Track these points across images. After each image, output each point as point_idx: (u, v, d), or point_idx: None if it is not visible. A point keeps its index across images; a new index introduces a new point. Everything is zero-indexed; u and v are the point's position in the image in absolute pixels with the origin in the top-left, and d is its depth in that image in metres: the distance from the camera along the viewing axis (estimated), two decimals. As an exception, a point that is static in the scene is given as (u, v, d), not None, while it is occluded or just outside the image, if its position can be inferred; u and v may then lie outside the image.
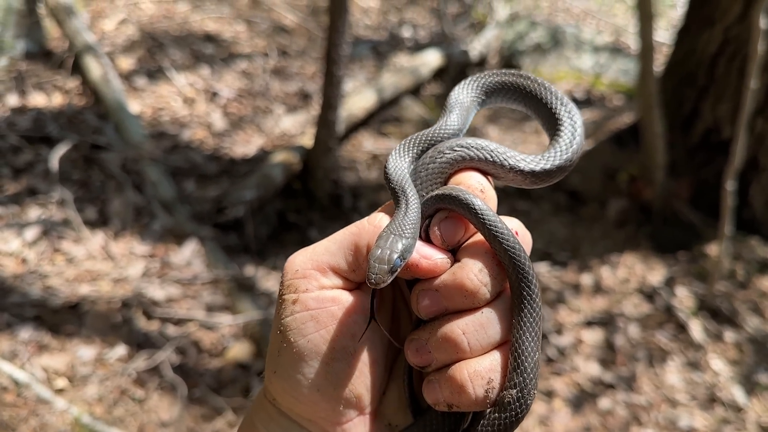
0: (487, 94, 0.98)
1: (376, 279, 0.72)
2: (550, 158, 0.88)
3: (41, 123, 4.88)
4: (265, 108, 5.91)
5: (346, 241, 0.81)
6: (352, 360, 0.80)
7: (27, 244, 3.93)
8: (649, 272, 4.73)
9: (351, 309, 0.80)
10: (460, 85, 0.98)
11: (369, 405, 0.82)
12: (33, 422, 3.16)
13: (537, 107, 0.95)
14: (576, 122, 0.90)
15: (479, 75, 0.99)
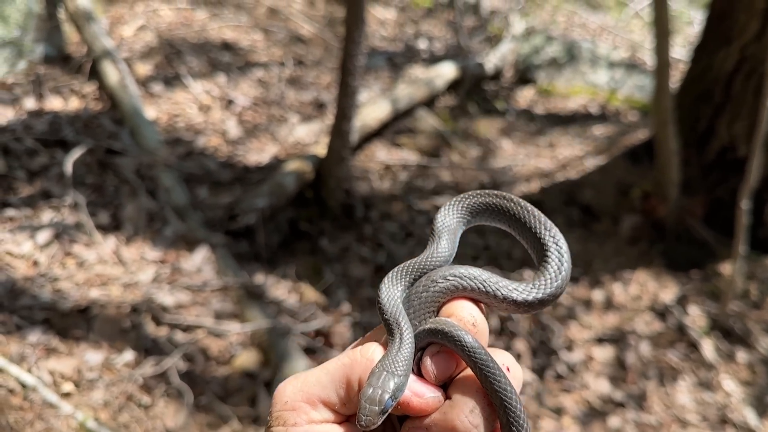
0: (472, 215, 1.01)
1: (367, 422, 0.72)
2: (541, 288, 0.89)
3: (57, 127, 4.92)
4: (280, 116, 5.93)
5: (338, 374, 0.80)
6: None
7: (39, 247, 3.95)
8: (661, 290, 4.68)
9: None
10: (446, 208, 1.01)
11: None
12: (38, 426, 3.16)
13: (522, 231, 0.98)
14: (562, 248, 0.92)
15: (463, 196, 1.02)
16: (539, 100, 7.02)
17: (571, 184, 5.56)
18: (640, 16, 9.36)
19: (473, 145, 6.22)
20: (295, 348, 3.70)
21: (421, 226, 5.13)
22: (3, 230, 3.98)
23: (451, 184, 5.62)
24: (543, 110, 6.84)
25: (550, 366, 4.15)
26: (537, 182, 5.63)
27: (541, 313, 4.43)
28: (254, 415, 3.41)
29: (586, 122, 6.57)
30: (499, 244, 5.00)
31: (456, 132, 6.30)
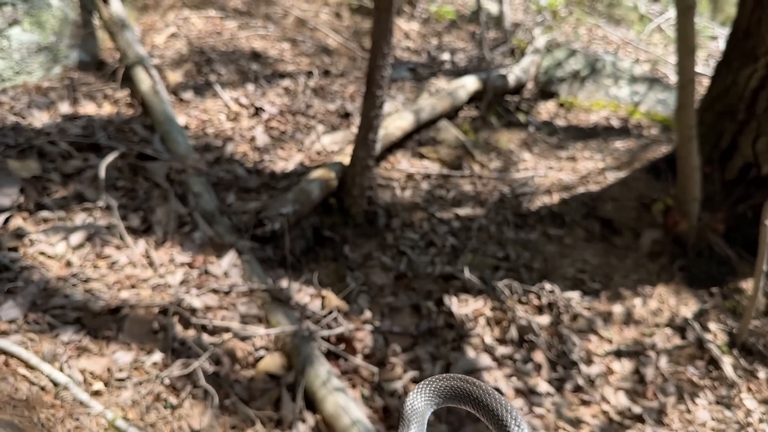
0: (440, 397, 1.09)
1: None
2: None
3: (91, 131, 5.05)
4: (306, 125, 6.03)
5: None
6: None
7: (71, 248, 4.05)
8: (681, 305, 4.70)
9: None
10: (414, 393, 1.09)
11: None
12: (69, 424, 3.24)
13: (489, 416, 1.05)
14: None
15: (431, 380, 1.10)
16: (561, 113, 7.05)
17: (592, 197, 5.59)
18: (663, 30, 9.37)
19: (495, 156, 6.27)
20: (317, 353, 3.77)
21: (441, 236, 5.18)
22: (37, 231, 4.09)
23: (472, 195, 5.67)
24: (564, 123, 6.88)
25: (569, 378, 4.18)
26: (557, 194, 5.66)
27: (560, 324, 4.46)
28: (277, 417, 3.48)
29: (608, 136, 6.60)
30: (520, 255, 5.04)
31: (478, 143, 6.36)
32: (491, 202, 5.57)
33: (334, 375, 3.67)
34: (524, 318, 4.44)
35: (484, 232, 5.26)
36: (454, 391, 1.09)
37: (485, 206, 5.51)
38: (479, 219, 5.35)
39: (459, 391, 1.08)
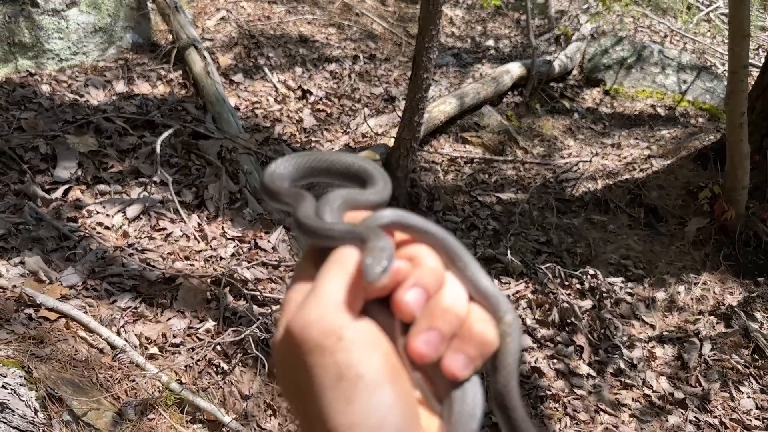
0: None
1: (374, 277, 0.73)
2: (380, 191, 0.94)
3: (145, 109, 5.20)
4: (351, 108, 6.11)
5: (340, 278, 0.77)
6: (402, 371, 0.78)
7: (128, 220, 4.20)
8: (726, 294, 4.67)
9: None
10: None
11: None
12: (125, 384, 3.38)
13: (340, 171, 0.96)
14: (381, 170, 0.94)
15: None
16: (606, 101, 7.01)
17: (637, 184, 5.56)
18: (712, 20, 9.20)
19: (538, 143, 6.28)
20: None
21: (483, 220, 5.22)
22: (95, 203, 4.25)
23: (514, 179, 5.69)
24: (610, 110, 6.84)
25: (610, 362, 4.19)
26: (602, 181, 5.65)
27: (602, 309, 4.47)
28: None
29: (654, 124, 6.54)
30: (563, 240, 5.06)
31: (521, 129, 6.36)
32: (534, 187, 5.58)
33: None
34: (566, 301, 4.46)
35: (527, 216, 5.28)
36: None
37: (528, 191, 5.53)
38: (522, 203, 5.37)
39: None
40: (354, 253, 0.79)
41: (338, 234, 0.89)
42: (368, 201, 0.96)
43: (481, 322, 0.81)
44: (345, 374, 0.72)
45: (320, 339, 0.74)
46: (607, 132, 6.44)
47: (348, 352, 0.73)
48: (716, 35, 8.77)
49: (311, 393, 0.75)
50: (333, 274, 0.76)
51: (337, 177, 1.04)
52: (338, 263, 0.77)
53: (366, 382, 0.73)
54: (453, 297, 0.81)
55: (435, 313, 0.78)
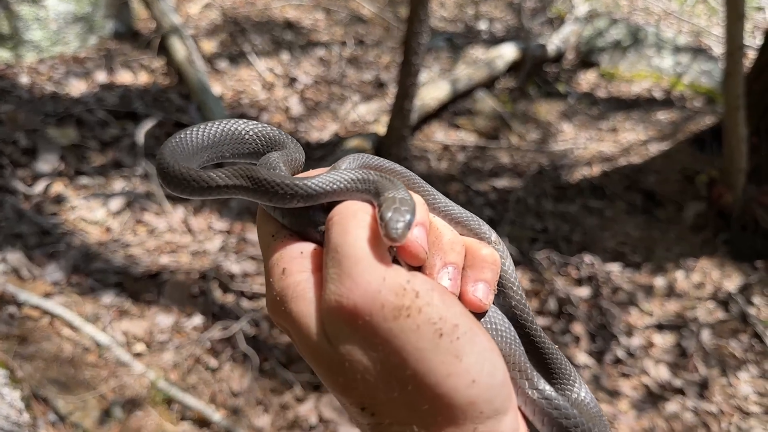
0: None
1: (398, 234, 0.69)
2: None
3: (128, 100, 5.07)
4: (341, 95, 5.98)
5: (363, 230, 0.74)
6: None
7: (111, 214, 4.09)
8: (725, 279, 4.59)
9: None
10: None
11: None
12: (112, 383, 3.29)
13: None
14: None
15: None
16: (602, 84, 6.90)
17: (634, 169, 5.46)
18: (707, 1, 9.08)
19: (533, 127, 6.16)
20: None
21: (478, 208, 5.12)
22: (77, 197, 4.13)
23: (509, 167, 5.59)
24: (605, 94, 6.73)
25: (608, 350, 4.12)
26: (598, 166, 5.55)
27: (599, 296, 4.39)
28: (315, 382, 3.48)
29: (650, 107, 6.44)
30: (559, 228, 4.96)
31: (515, 114, 6.25)
32: (529, 174, 5.48)
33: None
34: (563, 290, 4.38)
35: (522, 204, 5.18)
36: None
37: (523, 178, 5.42)
38: (517, 191, 5.27)
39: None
40: (361, 204, 0.75)
41: (347, 186, 0.78)
42: (299, 160, 0.86)
43: (483, 247, 0.80)
44: (442, 328, 0.68)
45: (398, 301, 0.68)
46: (603, 116, 6.33)
47: (433, 305, 0.69)
48: (711, 17, 8.65)
49: (407, 362, 0.69)
50: (357, 233, 0.71)
51: (237, 150, 0.92)
52: (352, 220, 0.72)
53: (463, 329, 0.69)
54: (448, 230, 0.79)
55: (444, 249, 0.76)
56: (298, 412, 3.35)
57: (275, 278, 0.74)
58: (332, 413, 3.35)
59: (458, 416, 0.69)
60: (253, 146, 0.91)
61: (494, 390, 0.71)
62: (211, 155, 0.89)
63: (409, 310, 0.68)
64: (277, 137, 0.91)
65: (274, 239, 0.78)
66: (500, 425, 0.71)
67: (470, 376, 0.69)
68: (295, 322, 0.72)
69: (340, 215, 0.74)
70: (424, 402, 0.69)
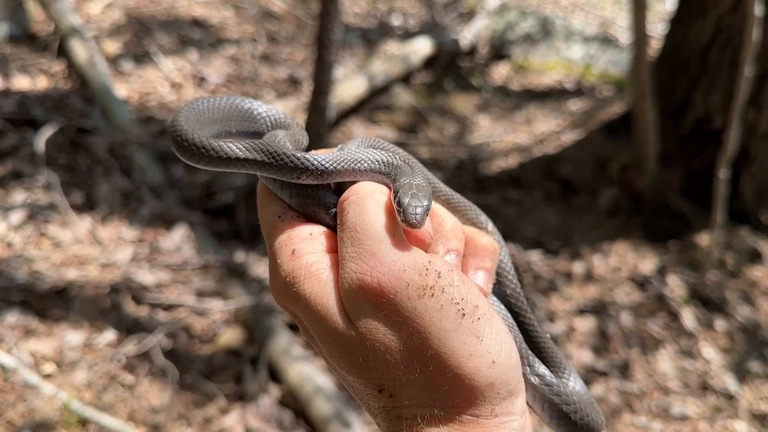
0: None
1: (419, 219, 0.70)
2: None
3: (26, 106, 4.78)
4: (255, 94, 5.84)
5: (380, 211, 0.74)
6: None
7: (12, 228, 3.84)
8: (640, 261, 4.73)
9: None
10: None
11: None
12: (20, 407, 3.09)
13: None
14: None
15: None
16: (515, 76, 7.01)
17: (549, 159, 5.57)
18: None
19: (450, 121, 6.20)
20: (279, 325, 3.66)
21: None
22: (-27, 212, 3.86)
23: (429, 161, 5.59)
24: (519, 86, 6.84)
25: (532, 338, 4.17)
26: (515, 157, 5.63)
27: (524, 285, 4.44)
28: (240, 392, 3.37)
29: (562, 97, 6.59)
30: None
31: (433, 108, 6.27)
32: (449, 167, 5.50)
33: (297, 345, 3.57)
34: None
35: (443, 197, 5.19)
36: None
37: (444, 172, 5.44)
38: (437, 184, 5.27)
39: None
40: (376, 185, 0.76)
41: (371, 166, 0.78)
42: (302, 143, 0.84)
43: (483, 236, 0.82)
44: (464, 309, 0.69)
45: (422, 280, 0.69)
46: (518, 107, 6.44)
47: (454, 286, 0.70)
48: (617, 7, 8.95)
49: (430, 342, 0.69)
50: (376, 212, 0.72)
51: (244, 127, 0.91)
52: (370, 200, 0.73)
53: (482, 311, 0.70)
54: (450, 218, 0.80)
55: (447, 235, 0.78)
56: (222, 424, 3.23)
57: (284, 260, 0.73)
58: (259, 423, 3.25)
59: (477, 397, 0.70)
60: (261, 125, 0.91)
61: (511, 371, 0.72)
62: (219, 129, 0.89)
63: (433, 290, 0.69)
64: (283, 120, 0.93)
65: (280, 220, 0.77)
66: (514, 407, 0.73)
67: (490, 357, 0.70)
68: (309, 302, 0.71)
69: (356, 195, 0.74)
70: (445, 383, 0.69)
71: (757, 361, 4.03)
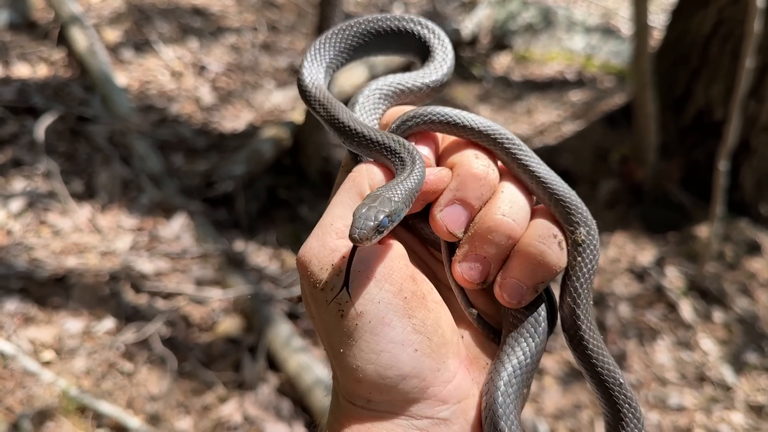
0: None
1: (360, 235, 0.66)
2: (441, 66, 0.88)
3: (26, 94, 4.79)
4: (255, 83, 5.83)
5: (349, 195, 0.74)
6: (426, 302, 0.72)
7: (12, 216, 3.86)
8: (639, 252, 4.74)
9: (398, 253, 0.74)
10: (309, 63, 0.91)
11: (461, 348, 0.75)
12: (20, 394, 3.12)
13: (401, 40, 0.93)
14: (443, 37, 0.92)
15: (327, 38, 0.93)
16: (516, 66, 6.99)
17: (549, 150, 5.57)
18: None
19: (451, 111, 6.19)
20: (278, 313, 3.67)
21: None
22: (-27, 199, 3.87)
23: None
24: (520, 76, 6.83)
25: (531, 328, 4.19)
26: (515, 148, 5.62)
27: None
28: (239, 380, 3.39)
29: (563, 88, 6.58)
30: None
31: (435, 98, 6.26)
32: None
33: (296, 335, 3.58)
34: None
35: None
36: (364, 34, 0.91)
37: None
38: (437, 175, 5.28)
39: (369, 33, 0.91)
40: (369, 174, 0.74)
41: (374, 146, 0.76)
42: (417, 86, 0.80)
43: (540, 241, 0.72)
44: (345, 311, 0.67)
45: (319, 273, 0.69)
46: (519, 98, 6.43)
47: (340, 287, 0.68)
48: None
49: (319, 329, 0.71)
50: (342, 196, 0.73)
51: (387, 49, 0.89)
52: (350, 186, 0.74)
53: (367, 319, 0.67)
54: (503, 212, 0.72)
55: (479, 233, 0.71)
56: (221, 412, 3.26)
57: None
58: (257, 411, 3.27)
59: (353, 393, 0.70)
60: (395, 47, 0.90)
61: (385, 390, 0.68)
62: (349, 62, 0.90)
63: (323, 284, 0.69)
64: (423, 37, 0.91)
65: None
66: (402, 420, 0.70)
67: (361, 362, 0.68)
68: None
69: (350, 176, 0.76)
70: (338, 370, 0.71)
71: (754, 353, 4.05)
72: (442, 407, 0.71)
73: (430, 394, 0.71)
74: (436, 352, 0.71)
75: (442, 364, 0.71)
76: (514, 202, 0.74)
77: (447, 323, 0.74)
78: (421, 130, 0.79)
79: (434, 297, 0.74)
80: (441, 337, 0.72)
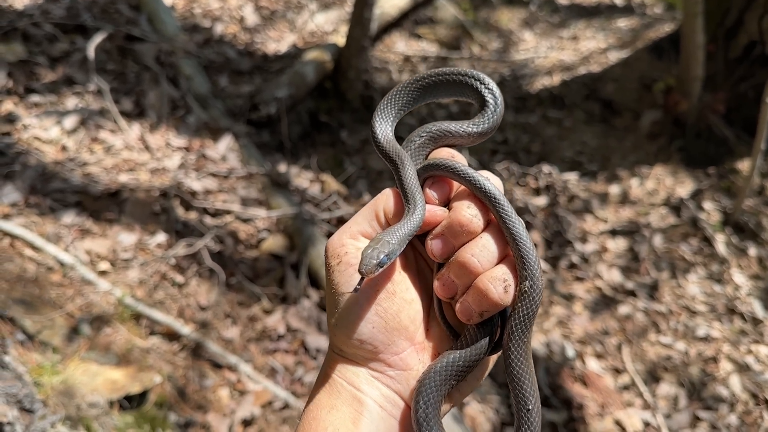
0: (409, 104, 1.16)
1: (366, 270, 0.92)
2: (487, 118, 1.07)
3: (75, 12, 4.84)
4: (297, 3, 5.80)
5: (368, 212, 1.01)
6: (394, 298, 0.99)
7: (66, 132, 3.99)
8: (677, 185, 4.73)
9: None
10: (380, 118, 1.12)
11: (416, 335, 1.01)
12: (79, 301, 3.31)
13: (458, 89, 1.12)
14: (495, 91, 1.09)
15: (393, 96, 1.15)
16: (563, -9, 6.80)
17: (593, 78, 5.49)
18: None
19: (494, 36, 6.10)
20: (319, 234, 3.81)
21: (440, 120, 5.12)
22: (29, 115, 4.01)
23: (470, 77, 5.55)
24: (567, 0, 6.65)
25: (563, 256, 4.27)
26: (558, 76, 5.56)
27: (556, 205, 4.50)
28: (282, 294, 3.56)
29: (611, 14, 6.40)
30: (519, 139, 5.01)
31: (477, 22, 6.16)
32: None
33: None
34: (521, 200, 4.48)
35: (483, 114, 5.18)
36: (420, 88, 1.13)
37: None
38: (477, 101, 5.26)
39: (428, 85, 1.13)
40: (390, 198, 1.00)
41: (403, 183, 1.01)
42: (462, 133, 1.01)
43: (489, 281, 0.95)
44: (335, 290, 0.98)
45: (329, 258, 0.99)
46: (565, 23, 6.28)
47: (340, 274, 0.98)
48: None
49: (326, 294, 1.02)
50: (364, 210, 1.01)
51: (447, 97, 1.08)
52: (371, 204, 1.01)
53: (344, 298, 0.97)
54: (473, 253, 0.96)
55: (453, 264, 0.96)
56: (266, 323, 3.45)
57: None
58: (299, 323, 3.46)
59: (332, 344, 1.02)
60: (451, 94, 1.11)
61: (351, 341, 0.98)
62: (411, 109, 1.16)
63: (330, 268, 1.00)
64: (477, 91, 1.09)
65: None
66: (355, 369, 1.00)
67: (334, 321, 0.99)
68: None
69: (380, 195, 1.02)
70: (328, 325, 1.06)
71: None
72: (388, 369, 0.99)
73: (381, 358, 0.99)
74: (390, 332, 0.98)
75: (392, 341, 0.99)
76: (485, 248, 0.96)
77: (407, 315, 1.00)
78: (440, 176, 1.01)
79: (404, 295, 1.00)
80: (397, 323, 0.99)
